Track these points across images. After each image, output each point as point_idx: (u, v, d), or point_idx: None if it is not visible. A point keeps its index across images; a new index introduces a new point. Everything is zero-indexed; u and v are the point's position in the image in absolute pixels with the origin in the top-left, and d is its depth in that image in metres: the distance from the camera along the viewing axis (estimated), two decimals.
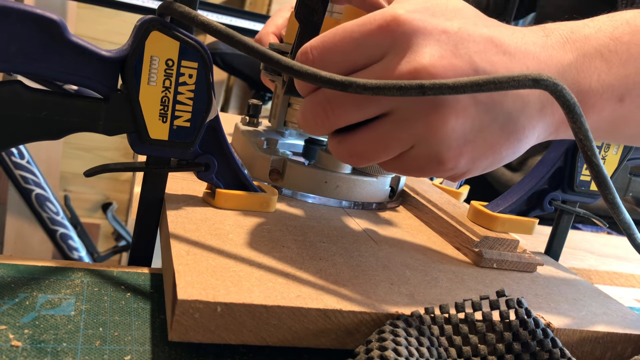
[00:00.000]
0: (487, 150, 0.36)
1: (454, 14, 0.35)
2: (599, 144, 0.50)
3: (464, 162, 0.36)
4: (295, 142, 0.66)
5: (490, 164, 0.37)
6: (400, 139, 0.36)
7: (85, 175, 0.40)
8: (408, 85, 0.33)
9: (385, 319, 0.34)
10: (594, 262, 0.65)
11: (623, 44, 0.37)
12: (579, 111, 0.33)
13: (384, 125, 0.36)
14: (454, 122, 0.34)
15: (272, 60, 0.34)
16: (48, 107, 0.36)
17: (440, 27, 0.34)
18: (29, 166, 1.44)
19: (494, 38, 0.35)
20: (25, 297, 0.35)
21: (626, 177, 0.56)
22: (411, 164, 0.37)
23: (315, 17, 0.45)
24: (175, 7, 0.36)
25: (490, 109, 0.35)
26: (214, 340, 0.32)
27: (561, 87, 0.33)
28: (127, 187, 2.17)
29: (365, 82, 0.33)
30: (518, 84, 0.32)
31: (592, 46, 0.37)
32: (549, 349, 0.35)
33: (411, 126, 0.35)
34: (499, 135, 0.36)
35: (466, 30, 0.34)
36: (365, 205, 0.56)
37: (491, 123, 0.35)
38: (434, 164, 0.36)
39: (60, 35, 0.35)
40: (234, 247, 0.39)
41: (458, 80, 0.32)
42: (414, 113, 0.35)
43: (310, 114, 0.37)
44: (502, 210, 0.51)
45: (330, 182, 0.54)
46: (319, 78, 0.34)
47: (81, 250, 1.55)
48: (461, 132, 0.35)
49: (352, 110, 0.36)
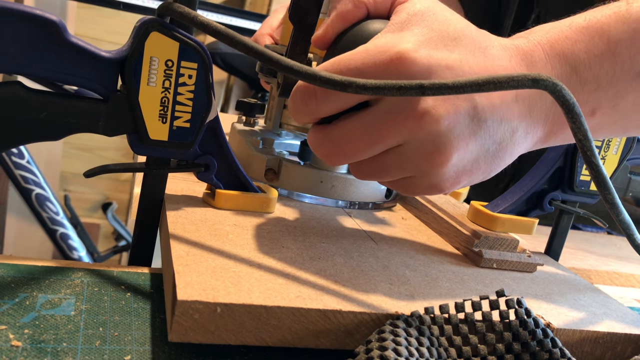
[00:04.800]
0: (480, 175, 0.39)
1: (454, 43, 0.36)
2: (598, 143, 0.51)
3: (460, 186, 0.39)
4: (291, 142, 0.66)
5: (481, 180, 0.41)
6: (402, 169, 0.38)
7: (85, 176, 0.40)
8: (408, 85, 0.33)
9: (385, 319, 0.34)
10: (594, 262, 0.65)
11: (596, 57, 0.38)
12: (578, 111, 0.33)
13: (367, 116, 0.36)
14: (455, 159, 0.37)
15: (272, 60, 0.34)
16: (48, 108, 0.36)
17: (443, 62, 0.35)
18: (29, 166, 1.44)
19: (488, 67, 0.36)
20: (25, 297, 0.35)
21: (626, 177, 0.56)
22: (410, 189, 0.40)
23: (309, 18, 0.45)
24: (175, 8, 0.36)
25: (486, 141, 0.37)
26: (214, 341, 0.32)
27: (560, 87, 0.33)
28: (127, 187, 2.18)
29: (365, 82, 0.33)
30: (517, 84, 0.32)
31: (569, 64, 0.38)
32: (548, 349, 0.35)
33: (414, 161, 0.37)
34: (491, 162, 0.39)
35: (467, 62, 0.36)
36: (361, 204, 0.56)
37: (485, 153, 0.38)
38: (433, 191, 0.39)
39: (60, 36, 0.35)
40: (233, 247, 0.39)
41: (458, 80, 0.32)
42: (419, 151, 0.36)
43: (299, 96, 0.37)
44: (502, 210, 0.51)
45: (326, 181, 0.54)
46: (319, 78, 0.34)
47: (81, 250, 1.55)
48: (460, 166, 0.38)
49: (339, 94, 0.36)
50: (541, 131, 0.39)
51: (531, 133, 0.39)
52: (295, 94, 0.38)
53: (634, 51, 0.38)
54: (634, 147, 0.52)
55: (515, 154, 0.39)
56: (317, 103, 0.37)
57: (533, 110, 0.38)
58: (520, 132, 0.38)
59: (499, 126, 0.37)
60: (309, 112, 0.38)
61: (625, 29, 0.38)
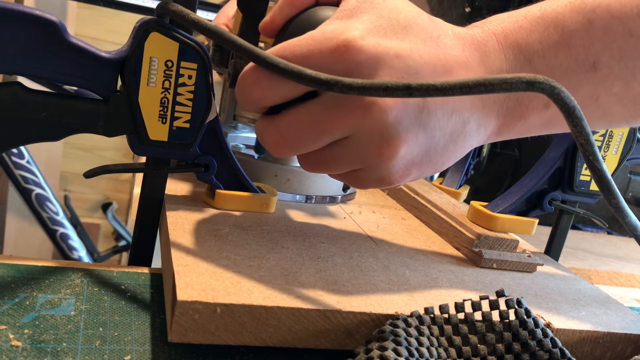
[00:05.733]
0: (431, 167, 0.39)
1: (405, 31, 0.35)
2: (598, 143, 0.50)
3: (410, 179, 0.39)
4: (248, 135, 0.63)
5: (432, 173, 0.40)
6: (351, 162, 0.37)
7: (85, 177, 0.41)
8: (395, 86, 0.32)
9: (384, 319, 0.34)
10: (594, 262, 0.65)
11: (550, 48, 0.37)
12: (579, 114, 0.32)
13: (313, 106, 0.36)
14: (403, 151, 0.36)
15: (259, 58, 0.34)
16: (47, 109, 0.36)
17: (392, 51, 0.34)
18: (29, 166, 1.44)
19: (440, 56, 0.36)
20: (25, 297, 0.35)
21: (626, 177, 0.56)
22: (359, 182, 0.39)
23: (258, 5, 0.43)
24: (170, 7, 0.36)
25: (436, 133, 0.36)
26: (214, 341, 0.32)
27: (559, 90, 0.31)
28: (127, 187, 2.18)
29: (351, 82, 0.32)
30: (511, 87, 0.31)
31: (523, 54, 0.37)
32: (548, 349, 0.35)
33: (362, 153, 0.36)
34: (442, 154, 0.38)
35: (417, 51, 0.35)
36: (318, 199, 0.54)
37: (436, 145, 0.37)
38: (382, 184, 0.38)
39: (60, 37, 0.35)
40: (233, 247, 0.39)
41: (447, 82, 0.32)
42: (367, 143, 0.35)
43: (244, 83, 0.36)
44: (502, 210, 0.51)
45: (281, 175, 0.52)
46: (304, 76, 0.33)
47: (81, 250, 1.55)
48: (409, 158, 0.37)
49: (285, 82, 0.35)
50: (494, 124, 0.39)
51: (483, 125, 0.38)
52: (240, 81, 0.37)
53: (589, 42, 0.37)
54: (633, 147, 0.52)
55: (467, 146, 0.39)
56: (262, 90, 0.36)
57: (485, 103, 0.37)
58: (472, 125, 0.37)
59: (449, 118, 0.36)
60: (253, 100, 0.37)
61: (580, 19, 0.37)
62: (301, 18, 0.39)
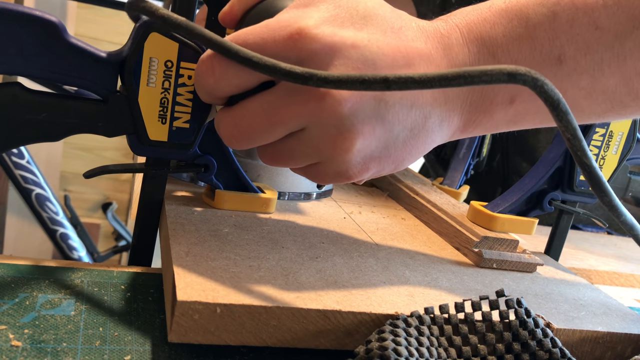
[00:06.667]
0: (391, 163, 0.38)
1: (364, 21, 0.35)
2: (598, 143, 0.50)
3: (370, 174, 0.38)
4: None
5: (394, 170, 0.39)
6: (307, 155, 0.37)
7: (85, 177, 0.40)
8: (372, 79, 0.31)
9: (384, 319, 0.34)
10: (594, 262, 0.65)
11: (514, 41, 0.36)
12: (565, 108, 0.30)
13: (268, 96, 0.35)
14: (360, 144, 0.35)
15: (212, 41, 0.33)
16: (47, 109, 0.36)
17: (349, 41, 0.33)
18: (29, 166, 1.44)
19: (400, 48, 0.35)
20: (25, 297, 0.35)
21: (626, 177, 0.56)
22: (318, 176, 0.38)
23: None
24: (139, 3, 0.35)
25: (395, 127, 0.35)
26: (214, 342, 0.32)
27: (542, 83, 0.30)
28: (127, 187, 2.17)
29: (326, 75, 0.31)
30: (491, 79, 0.30)
31: (487, 47, 0.36)
32: (548, 349, 0.35)
33: (318, 146, 0.36)
34: (402, 149, 0.37)
35: (376, 42, 0.34)
36: (291, 195, 0.54)
37: (395, 140, 0.36)
38: (342, 178, 0.38)
39: (59, 37, 0.35)
40: (233, 248, 0.39)
41: (425, 74, 0.31)
42: (322, 135, 0.35)
43: (197, 72, 0.36)
44: (502, 210, 0.51)
45: (251, 171, 0.51)
46: (279, 70, 0.32)
47: (81, 250, 1.55)
48: (367, 152, 0.36)
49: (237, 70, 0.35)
50: (458, 119, 0.38)
51: (447, 121, 0.37)
52: (195, 70, 0.36)
53: (553, 35, 0.36)
54: (633, 147, 0.52)
55: (430, 142, 0.38)
56: (215, 80, 0.35)
57: (448, 97, 0.36)
58: (434, 119, 0.36)
59: (408, 111, 0.35)
60: (207, 90, 0.36)
61: (544, 11, 0.36)
62: (259, 7, 0.38)
